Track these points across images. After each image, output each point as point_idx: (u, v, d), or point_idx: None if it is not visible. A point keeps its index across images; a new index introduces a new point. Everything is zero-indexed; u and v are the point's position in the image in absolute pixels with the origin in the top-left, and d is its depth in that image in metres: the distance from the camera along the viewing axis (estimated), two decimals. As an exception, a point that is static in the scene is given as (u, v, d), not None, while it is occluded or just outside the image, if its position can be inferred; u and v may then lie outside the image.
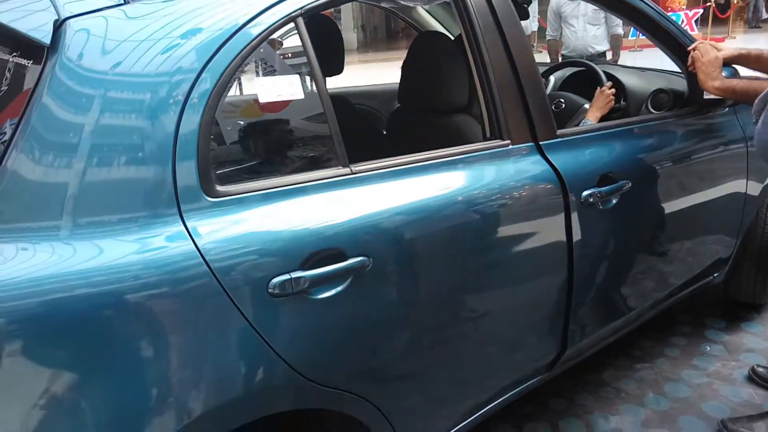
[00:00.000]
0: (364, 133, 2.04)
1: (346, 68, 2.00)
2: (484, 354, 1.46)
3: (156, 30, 1.03)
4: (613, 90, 2.07)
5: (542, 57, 5.23)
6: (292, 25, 1.15)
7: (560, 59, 4.20)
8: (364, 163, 1.20)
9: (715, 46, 1.80)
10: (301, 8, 1.15)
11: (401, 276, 1.21)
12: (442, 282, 1.29)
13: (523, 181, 1.40)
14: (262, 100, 1.13)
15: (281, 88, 1.17)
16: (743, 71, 1.85)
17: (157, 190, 0.96)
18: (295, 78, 1.18)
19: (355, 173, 1.17)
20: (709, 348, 2.23)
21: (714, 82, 1.72)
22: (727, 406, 1.90)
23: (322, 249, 1.07)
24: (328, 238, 1.08)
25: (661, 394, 1.99)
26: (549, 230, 1.46)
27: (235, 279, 0.98)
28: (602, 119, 2.03)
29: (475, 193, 1.32)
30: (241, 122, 1.37)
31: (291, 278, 1.02)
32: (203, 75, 1.02)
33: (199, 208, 0.99)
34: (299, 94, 1.16)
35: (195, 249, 0.96)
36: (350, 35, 17.86)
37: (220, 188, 1.03)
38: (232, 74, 1.06)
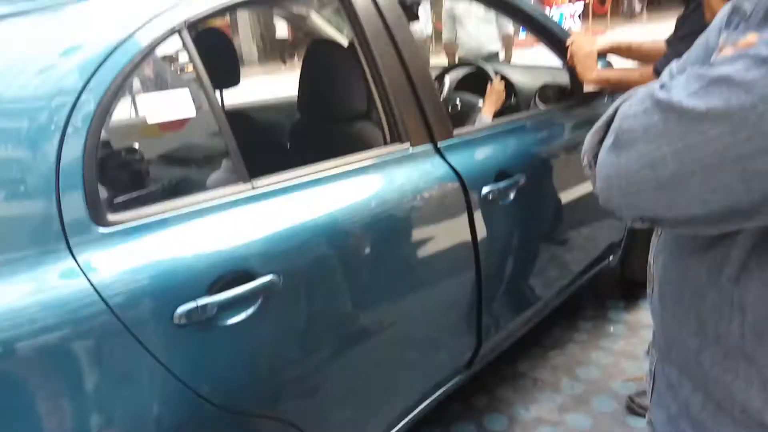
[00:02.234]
0: (267, 147, 2.01)
1: (248, 80, 1.96)
2: (404, 359, 1.48)
3: (28, 51, 0.96)
4: (502, 84, 2.16)
5: (441, 58, 5.39)
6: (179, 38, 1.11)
7: (457, 60, 4.35)
8: (266, 178, 1.18)
9: (589, 39, 1.93)
10: (183, 21, 1.11)
11: (313, 290, 1.20)
12: (355, 291, 1.30)
13: (425, 182, 1.44)
14: (149, 120, 1.08)
15: (170, 106, 1.13)
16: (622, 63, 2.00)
17: (43, 225, 0.90)
18: (185, 93, 1.13)
19: (257, 189, 1.15)
20: (612, 328, 2.38)
21: (591, 73, 1.84)
22: (633, 383, 2.02)
23: (227, 272, 1.04)
24: (233, 260, 1.05)
25: (575, 378, 2.09)
26: (454, 229, 1.50)
27: (135, 313, 0.94)
28: (496, 115, 2.12)
29: (378, 198, 1.33)
30: (133, 144, 1.31)
31: (197, 306, 0.98)
32: (83, 97, 0.96)
33: (90, 241, 0.94)
34: (190, 111, 1.12)
35: (89, 285, 0.90)
36: (250, 46, 17.52)
37: (112, 217, 0.97)
38: (115, 94, 1.01)
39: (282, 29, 13.77)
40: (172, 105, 1.11)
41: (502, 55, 4.46)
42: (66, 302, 0.88)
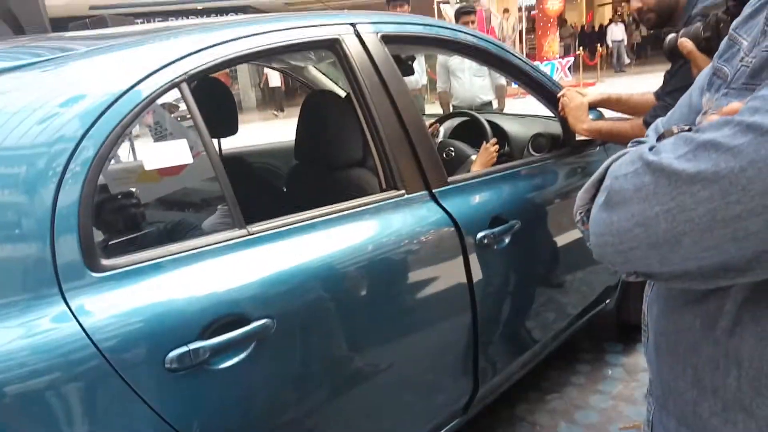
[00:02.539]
0: (263, 192, 2.03)
1: (245, 126, 2.00)
2: (400, 403, 1.46)
3: (32, 102, 0.99)
4: (496, 147, 2.17)
5: (435, 107, 5.50)
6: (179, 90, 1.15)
7: (451, 109, 4.44)
8: (261, 223, 1.19)
9: (580, 92, 1.99)
10: (183, 74, 1.15)
11: (307, 334, 1.19)
12: (350, 335, 1.29)
13: (421, 228, 1.45)
14: (147, 166, 1.10)
15: (168, 153, 1.15)
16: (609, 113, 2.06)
17: (36, 270, 0.90)
18: (183, 142, 1.16)
19: (253, 234, 1.16)
20: (610, 372, 2.36)
21: (582, 124, 1.89)
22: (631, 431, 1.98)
23: (221, 316, 1.03)
24: (227, 304, 1.05)
25: (573, 423, 2.06)
26: (450, 274, 1.51)
27: (126, 358, 0.93)
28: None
29: (374, 244, 1.34)
30: (130, 189, 1.32)
31: (189, 350, 0.98)
32: (83, 143, 0.98)
33: (83, 286, 0.94)
34: (187, 159, 1.14)
35: (80, 329, 0.90)
36: (249, 94, 17.94)
37: (106, 262, 0.97)
38: (115, 141, 1.03)
39: (275, 79, 14.16)
40: (170, 152, 1.13)
41: (495, 105, 4.57)
42: (57, 346, 0.88)
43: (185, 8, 14.09)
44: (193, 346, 0.98)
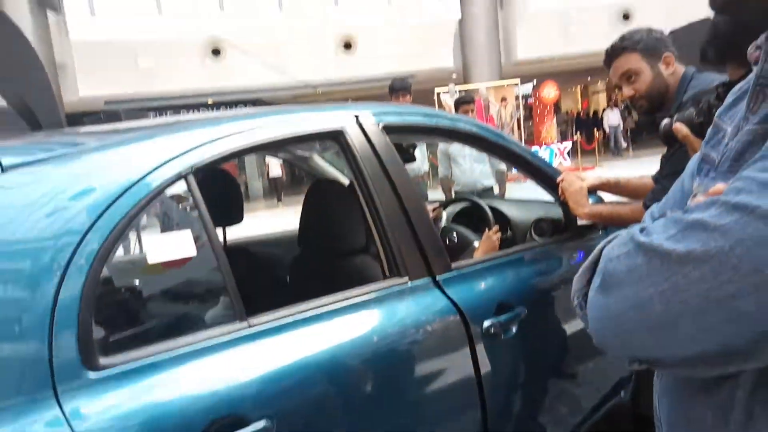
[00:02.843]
0: (266, 282, 2.02)
1: (252, 215, 2.02)
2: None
3: (40, 196, 1.01)
4: (498, 235, 2.17)
5: (437, 193, 5.58)
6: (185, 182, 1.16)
7: (453, 195, 4.51)
8: (263, 315, 1.17)
9: (579, 176, 2.02)
10: (190, 167, 1.17)
11: (309, 430, 1.14)
12: (354, 430, 1.23)
13: (425, 317, 1.42)
14: (150, 259, 1.10)
15: (172, 246, 1.15)
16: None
17: (32, 370, 0.88)
18: (187, 234, 1.16)
19: (253, 326, 1.13)
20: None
21: (583, 208, 1.90)
22: None
23: (219, 418, 0.99)
24: (226, 405, 1.01)
25: None
26: (456, 364, 1.46)
27: (119, 463, 0.88)
28: (492, 251, 2.14)
29: (377, 335, 1.31)
30: (132, 282, 1.32)
31: (186, 455, 0.93)
32: (88, 236, 0.99)
33: (79, 387, 0.91)
34: (191, 251, 1.14)
35: (73, 434, 0.86)
36: (256, 183, 18.37)
37: (104, 360, 0.95)
38: (119, 234, 1.03)
39: (275, 169, 14.52)
40: (174, 244, 1.14)
41: (496, 190, 4.63)
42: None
43: (197, 102, 14.75)
44: (189, 450, 0.93)
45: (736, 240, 0.48)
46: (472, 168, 4.36)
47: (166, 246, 1.12)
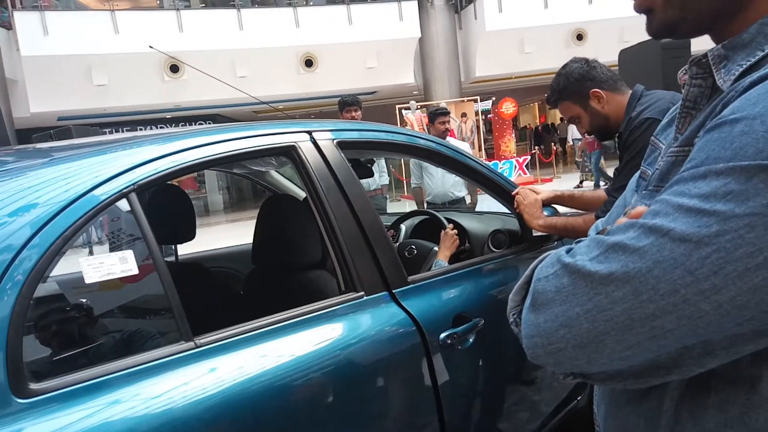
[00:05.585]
0: (219, 298, 1.97)
1: (212, 229, 1.97)
2: None
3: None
4: (455, 231, 2.23)
5: (399, 205, 5.59)
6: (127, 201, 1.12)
7: (426, 205, 4.54)
8: (210, 334, 1.13)
9: (533, 189, 2.05)
10: (133, 183, 1.13)
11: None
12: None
13: (381, 331, 1.40)
14: (88, 279, 1.05)
15: (112, 264, 1.10)
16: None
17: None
18: (128, 253, 1.12)
19: (200, 346, 1.09)
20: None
21: (538, 221, 1.93)
22: None
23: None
24: (169, 430, 0.96)
25: None
26: (413, 377, 1.44)
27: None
28: (450, 261, 2.16)
29: (332, 349, 1.28)
30: (71, 303, 1.26)
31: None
32: (24, 253, 0.94)
33: (6, 414, 0.85)
34: (133, 270, 1.10)
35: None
36: (216, 197, 18.10)
37: (35, 386, 0.89)
38: (56, 253, 0.98)
39: None
40: (114, 264, 1.09)
41: (468, 200, 4.68)
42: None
43: (154, 117, 14.46)
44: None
45: (654, 262, 0.50)
46: (444, 178, 4.40)
47: (106, 265, 1.08)
